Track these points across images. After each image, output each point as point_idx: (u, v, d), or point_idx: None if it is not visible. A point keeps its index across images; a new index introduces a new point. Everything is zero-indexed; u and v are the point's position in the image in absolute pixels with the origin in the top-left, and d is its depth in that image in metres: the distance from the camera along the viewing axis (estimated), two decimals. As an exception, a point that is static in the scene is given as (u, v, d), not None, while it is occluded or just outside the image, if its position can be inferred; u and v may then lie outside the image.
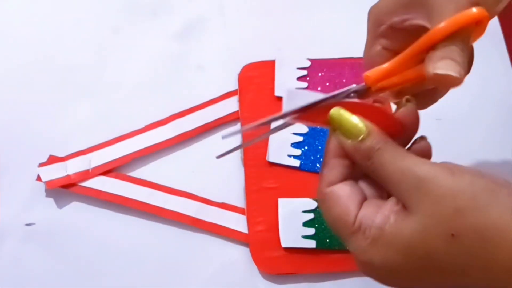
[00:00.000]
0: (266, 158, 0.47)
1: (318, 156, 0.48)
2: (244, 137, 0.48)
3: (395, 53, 0.33)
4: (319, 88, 0.51)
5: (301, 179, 0.47)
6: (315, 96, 0.31)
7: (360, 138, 0.29)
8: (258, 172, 0.47)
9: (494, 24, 0.53)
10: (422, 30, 0.31)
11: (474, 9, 0.28)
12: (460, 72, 0.28)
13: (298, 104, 0.31)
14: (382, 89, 0.33)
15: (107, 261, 0.44)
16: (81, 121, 0.49)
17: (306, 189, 0.46)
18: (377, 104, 0.31)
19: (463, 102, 0.52)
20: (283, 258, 0.44)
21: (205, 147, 0.49)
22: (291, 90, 0.32)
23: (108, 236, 0.45)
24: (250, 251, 0.45)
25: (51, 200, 0.46)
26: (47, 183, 0.45)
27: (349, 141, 0.29)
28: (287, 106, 0.31)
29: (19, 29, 0.53)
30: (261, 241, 0.45)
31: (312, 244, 0.44)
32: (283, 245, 0.44)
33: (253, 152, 0.48)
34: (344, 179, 0.30)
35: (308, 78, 0.51)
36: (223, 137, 0.31)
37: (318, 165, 0.47)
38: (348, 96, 0.32)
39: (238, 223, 0.46)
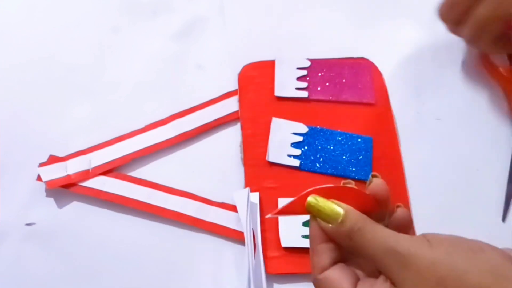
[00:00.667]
0: (266, 158, 0.47)
1: (318, 156, 0.48)
2: (244, 138, 0.49)
3: None
4: (318, 88, 0.51)
5: (301, 179, 0.47)
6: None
7: (339, 220, 0.31)
8: (258, 172, 0.47)
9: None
10: None
11: None
12: None
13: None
14: None
15: (107, 261, 0.44)
16: (81, 121, 0.49)
17: (305, 189, 0.46)
18: (349, 185, 0.33)
19: (463, 102, 0.52)
20: (283, 257, 0.44)
21: (205, 147, 0.49)
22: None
23: (108, 236, 0.45)
24: (250, 251, 0.45)
25: (51, 200, 0.46)
26: (47, 183, 0.45)
27: (329, 225, 0.31)
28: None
29: (19, 29, 0.53)
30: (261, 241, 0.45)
31: (312, 244, 0.44)
32: (283, 245, 0.44)
33: (253, 152, 0.48)
34: (334, 262, 0.32)
35: (308, 78, 0.51)
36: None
37: (318, 165, 0.47)
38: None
39: (238, 223, 0.46)
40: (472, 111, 0.52)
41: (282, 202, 0.46)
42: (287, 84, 0.51)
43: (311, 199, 0.32)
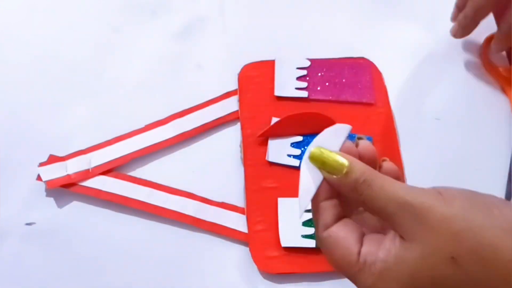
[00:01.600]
0: (266, 158, 0.47)
1: (318, 155, 0.48)
2: (243, 138, 0.49)
3: None
4: (318, 88, 0.51)
5: (300, 178, 0.47)
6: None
7: (344, 171, 0.30)
8: (258, 172, 0.47)
9: (493, 25, 0.53)
10: None
11: None
12: None
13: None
14: None
15: (107, 261, 0.44)
16: (81, 120, 0.49)
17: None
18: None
19: (462, 102, 0.52)
20: (282, 257, 0.44)
21: (205, 147, 0.49)
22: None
23: (108, 236, 0.45)
24: (250, 250, 0.45)
25: (51, 199, 0.46)
26: (47, 182, 0.45)
27: (334, 176, 0.30)
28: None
29: (19, 29, 0.53)
30: (260, 241, 0.45)
31: (311, 243, 0.44)
32: (283, 244, 0.44)
33: (253, 152, 0.48)
34: (337, 219, 0.31)
35: (307, 78, 0.51)
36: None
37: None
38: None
39: (238, 222, 0.46)
40: (472, 111, 0.52)
41: (282, 201, 0.46)
42: (287, 84, 0.51)
43: (315, 150, 0.31)
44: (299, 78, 0.51)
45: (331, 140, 0.32)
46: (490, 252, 0.26)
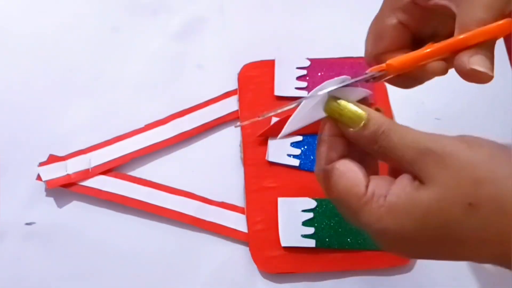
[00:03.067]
0: (266, 158, 0.47)
1: (318, 155, 0.48)
2: (243, 137, 0.49)
3: (408, 30, 0.33)
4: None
5: (300, 178, 0.47)
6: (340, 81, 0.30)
7: (361, 124, 0.29)
8: (257, 172, 0.47)
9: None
10: (447, 12, 0.31)
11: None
12: (493, 70, 0.30)
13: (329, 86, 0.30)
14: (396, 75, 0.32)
15: (107, 260, 0.44)
16: (81, 120, 0.49)
17: (305, 188, 0.46)
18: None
19: (462, 102, 0.52)
20: (282, 257, 0.44)
21: (205, 147, 0.49)
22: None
23: (108, 236, 0.45)
24: (250, 250, 0.45)
25: (51, 199, 0.46)
26: (47, 182, 0.45)
27: (351, 129, 0.29)
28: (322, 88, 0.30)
29: (18, 29, 0.53)
30: (260, 240, 0.45)
31: (311, 243, 0.44)
32: (283, 244, 0.44)
33: (252, 152, 0.48)
34: (342, 156, 0.30)
35: (307, 78, 0.51)
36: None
37: (317, 164, 0.47)
38: (367, 81, 0.32)
39: (238, 222, 0.46)
40: (471, 111, 0.52)
41: (282, 201, 0.46)
42: (286, 83, 0.51)
43: (331, 101, 0.29)
44: (299, 78, 0.51)
45: (346, 91, 0.30)
46: (510, 204, 0.25)
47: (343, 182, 0.28)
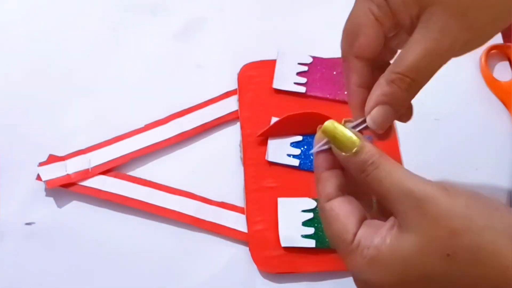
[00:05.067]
0: (266, 158, 0.47)
1: (318, 155, 0.48)
2: (243, 137, 0.49)
3: (382, 30, 0.32)
4: (317, 85, 0.51)
5: (300, 178, 0.47)
6: None
7: (354, 150, 0.29)
8: (257, 172, 0.47)
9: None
10: (406, 25, 0.32)
11: None
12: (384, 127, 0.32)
13: None
14: None
15: (107, 260, 0.44)
16: (80, 120, 0.49)
17: (305, 188, 0.46)
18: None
19: (461, 103, 0.52)
20: (282, 257, 0.44)
21: (205, 147, 0.49)
22: None
23: (107, 236, 0.45)
24: (250, 250, 0.45)
25: (51, 199, 0.46)
26: (47, 182, 0.45)
27: (343, 153, 0.30)
28: None
29: (18, 28, 0.53)
30: (260, 240, 0.45)
31: (311, 243, 0.44)
32: (283, 244, 0.44)
33: (252, 152, 0.48)
34: (340, 189, 0.31)
35: (308, 74, 0.51)
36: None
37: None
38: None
39: (238, 222, 0.46)
40: (471, 111, 0.52)
41: (282, 201, 0.46)
42: (286, 77, 0.51)
43: (328, 123, 0.30)
44: (299, 74, 0.51)
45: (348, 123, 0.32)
46: (488, 255, 0.26)
47: (335, 226, 0.30)
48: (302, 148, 0.48)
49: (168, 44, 0.53)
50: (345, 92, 0.51)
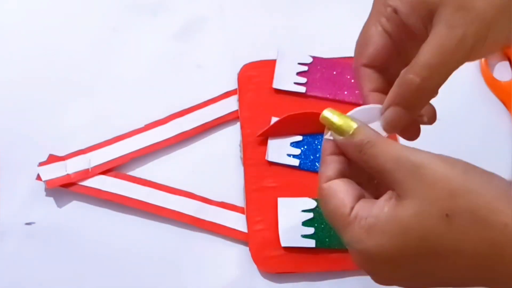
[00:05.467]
0: (266, 158, 0.47)
1: (318, 155, 0.48)
2: (243, 137, 0.49)
3: (392, 41, 0.33)
4: (317, 85, 0.51)
5: (300, 178, 0.47)
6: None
7: (350, 132, 0.31)
8: (257, 171, 0.47)
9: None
10: (422, 32, 0.31)
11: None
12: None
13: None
14: None
15: (107, 260, 0.44)
16: (81, 120, 0.49)
17: (305, 188, 0.46)
18: None
19: (461, 103, 0.52)
20: (282, 257, 0.44)
21: (205, 147, 0.49)
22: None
23: (107, 235, 0.45)
24: (250, 250, 0.45)
25: (51, 199, 0.46)
26: (47, 182, 0.45)
27: (341, 137, 0.31)
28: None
29: (18, 28, 0.53)
30: (260, 240, 0.45)
31: (311, 243, 0.44)
32: (283, 244, 0.44)
33: (252, 151, 0.48)
34: (340, 174, 0.31)
35: (308, 74, 0.51)
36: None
37: (317, 164, 0.47)
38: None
39: (238, 222, 0.46)
40: (471, 111, 0.52)
41: (282, 201, 0.46)
42: (286, 77, 0.51)
43: (326, 112, 0.32)
44: (299, 74, 0.51)
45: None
46: (486, 213, 0.26)
47: (333, 202, 0.30)
48: (302, 148, 0.48)
49: (168, 44, 0.53)
50: (345, 92, 0.51)
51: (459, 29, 0.30)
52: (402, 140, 0.35)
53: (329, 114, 0.32)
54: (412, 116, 0.33)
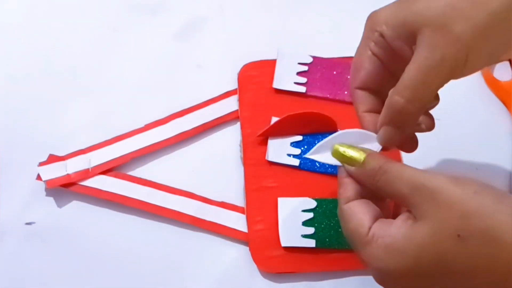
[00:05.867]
0: (266, 158, 0.47)
1: (318, 155, 0.48)
2: (243, 137, 0.49)
3: (382, 64, 0.35)
4: (317, 85, 0.51)
5: (300, 178, 0.47)
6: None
7: (361, 161, 0.33)
8: (257, 171, 0.47)
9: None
10: (408, 54, 0.33)
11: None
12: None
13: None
14: None
15: (107, 260, 0.44)
16: (81, 120, 0.49)
17: (305, 188, 0.46)
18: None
19: (461, 102, 0.52)
20: (282, 257, 0.44)
21: (205, 147, 0.49)
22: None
23: (108, 235, 0.45)
24: (250, 250, 0.45)
25: (51, 199, 0.46)
26: (47, 182, 0.45)
27: (353, 168, 0.33)
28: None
29: (18, 28, 0.53)
30: (260, 240, 0.45)
31: (311, 243, 0.44)
32: (283, 244, 0.44)
33: (252, 151, 0.48)
34: (358, 195, 0.33)
35: (308, 74, 0.51)
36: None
37: (317, 164, 0.47)
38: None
39: (238, 222, 0.46)
40: (471, 111, 0.52)
41: (282, 201, 0.46)
42: (286, 77, 0.51)
43: (335, 147, 0.35)
44: (299, 73, 0.51)
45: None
46: (497, 234, 0.27)
47: (352, 222, 0.32)
48: (302, 148, 0.48)
49: (168, 44, 0.53)
50: (345, 92, 0.51)
51: (439, 50, 0.31)
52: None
53: (340, 148, 0.34)
54: (404, 133, 0.34)
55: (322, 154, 0.36)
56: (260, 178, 0.47)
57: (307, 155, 0.37)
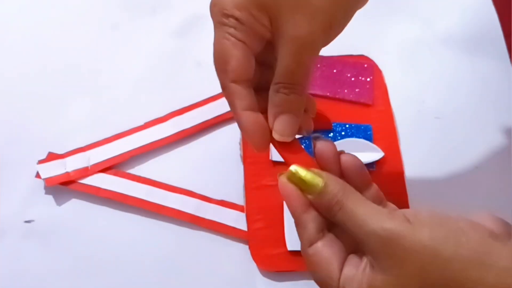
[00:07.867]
0: (270, 157, 0.47)
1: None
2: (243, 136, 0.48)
3: (250, 48, 0.32)
4: (317, 83, 0.51)
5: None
6: None
7: (318, 191, 0.30)
8: (257, 170, 0.47)
9: (494, 23, 0.53)
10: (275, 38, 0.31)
11: None
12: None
13: None
14: None
15: (106, 258, 0.44)
16: (80, 118, 0.49)
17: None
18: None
19: (462, 101, 0.52)
20: (282, 255, 0.44)
21: (205, 145, 0.49)
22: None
23: (107, 233, 0.45)
24: (249, 248, 0.45)
25: (50, 197, 0.46)
26: (46, 180, 0.45)
27: (311, 197, 0.31)
28: None
29: (18, 27, 0.53)
30: (260, 239, 0.45)
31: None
32: (289, 248, 0.44)
33: (252, 150, 0.48)
34: (319, 230, 0.31)
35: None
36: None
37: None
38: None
39: (238, 220, 0.46)
40: (471, 110, 0.52)
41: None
42: None
43: (292, 168, 0.31)
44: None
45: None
46: (459, 284, 0.26)
47: (320, 273, 0.30)
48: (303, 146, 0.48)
49: (167, 42, 0.53)
50: (345, 90, 0.51)
51: (304, 27, 0.30)
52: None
53: (295, 172, 0.31)
54: (299, 117, 0.32)
55: None
56: (260, 176, 0.47)
57: None
